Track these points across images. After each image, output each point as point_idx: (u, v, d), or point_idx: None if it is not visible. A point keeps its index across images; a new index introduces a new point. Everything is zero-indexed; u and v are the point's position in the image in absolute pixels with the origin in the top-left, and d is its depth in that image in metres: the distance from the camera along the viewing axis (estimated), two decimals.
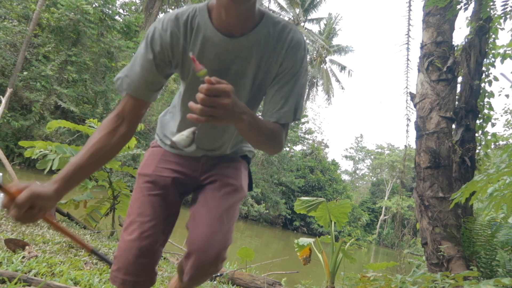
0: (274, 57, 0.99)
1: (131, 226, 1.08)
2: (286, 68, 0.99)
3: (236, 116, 0.79)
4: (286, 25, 0.99)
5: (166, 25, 0.96)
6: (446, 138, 3.36)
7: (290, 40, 0.98)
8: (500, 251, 3.04)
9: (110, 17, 16.13)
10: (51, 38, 14.53)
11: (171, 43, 0.97)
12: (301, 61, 1.00)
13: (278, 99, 1.00)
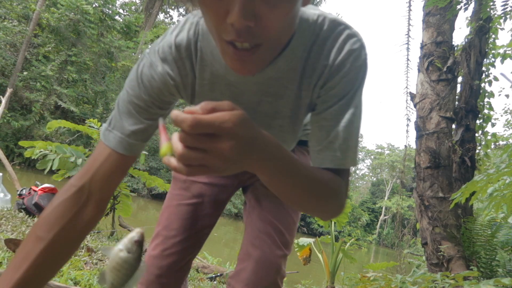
0: (315, 78, 0.68)
1: (156, 240, 0.99)
2: (332, 91, 0.66)
3: (249, 164, 0.48)
4: (332, 30, 0.66)
5: (160, 63, 0.69)
6: (446, 138, 3.36)
7: (338, 51, 0.65)
8: (500, 251, 3.04)
9: (110, 17, 16.14)
10: (51, 38, 14.54)
11: (170, 84, 0.70)
12: (354, 80, 0.66)
13: (325, 134, 0.66)
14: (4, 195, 3.89)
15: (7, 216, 3.08)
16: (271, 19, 0.50)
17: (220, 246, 8.44)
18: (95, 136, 4.35)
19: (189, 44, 0.69)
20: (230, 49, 0.53)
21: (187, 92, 0.73)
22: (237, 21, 0.48)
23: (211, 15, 0.51)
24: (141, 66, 0.70)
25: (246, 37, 0.50)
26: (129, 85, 0.70)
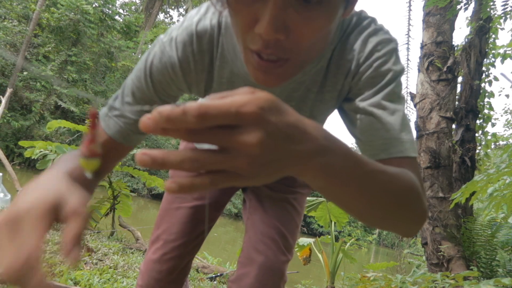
0: (340, 77, 0.64)
1: (156, 244, 0.96)
2: (364, 89, 0.61)
3: (292, 164, 0.34)
4: (358, 25, 0.62)
5: (175, 54, 0.62)
6: (446, 138, 3.36)
7: (363, 44, 0.61)
8: (500, 251, 3.04)
9: (110, 17, 16.14)
10: (51, 38, 14.54)
11: (188, 74, 0.64)
12: (386, 71, 0.60)
13: (374, 122, 0.58)
14: (4, 195, 3.89)
15: None
16: (303, 34, 0.45)
17: (220, 246, 8.44)
18: None
19: (212, 36, 0.62)
20: (254, 59, 0.48)
21: (200, 88, 0.67)
22: (266, 33, 0.42)
23: (238, 20, 0.46)
24: (152, 55, 0.63)
25: (273, 49, 0.46)
26: (136, 74, 0.65)
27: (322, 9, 0.44)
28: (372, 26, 0.62)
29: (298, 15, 0.43)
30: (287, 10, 0.43)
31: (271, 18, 0.42)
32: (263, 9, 0.43)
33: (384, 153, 0.57)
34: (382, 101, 0.59)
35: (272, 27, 0.42)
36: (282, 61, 0.48)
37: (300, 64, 0.51)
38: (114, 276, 2.31)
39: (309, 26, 0.45)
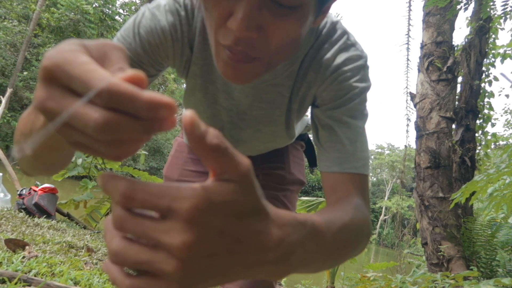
0: (305, 84, 0.66)
1: None
2: (327, 101, 0.63)
3: (235, 273, 0.29)
4: (331, 35, 0.63)
5: (164, 17, 0.62)
6: (446, 138, 3.37)
7: (333, 57, 0.62)
8: (500, 251, 3.04)
9: (110, 17, 16.16)
10: (51, 38, 14.54)
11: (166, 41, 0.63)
12: (351, 89, 0.61)
13: (332, 135, 0.61)
14: (4, 195, 3.89)
15: (7, 216, 3.08)
16: (274, 35, 0.45)
17: None
18: None
19: (196, 12, 0.62)
20: (224, 53, 0.47)
21: (182, 62, 0.66)
22: (238, 29, 0.42)
23: (213, 14, 0.46)
24: (141, 16, 0.62)
25: (244, 47, 0.45)
26: (123, 34, 0.62)
27: (294, 14, 0.44)
28: (345, 40, 0.63)
29: (271, 16, 0.44)
30: (261, 10, 0.43)
31: (245, 15, 0.42)
32: (238, 5, 0.42)
33: (338, 167, 0.59)
34: (344, 116, 0.60)
35: (245, 24, 0.42)
36: (252, 59, 0.47)
37: (268, 64, 0.50)
38: None
39: (281, 29, 0.45)
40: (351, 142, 0.59)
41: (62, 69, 0.25)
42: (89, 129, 0.24)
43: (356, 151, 0.59)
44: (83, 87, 0.24)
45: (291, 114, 0.70)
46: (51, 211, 3.76)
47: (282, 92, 0.66)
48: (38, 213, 3.66)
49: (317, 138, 0.64)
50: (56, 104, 0.26)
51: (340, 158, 0.59)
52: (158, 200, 0.25)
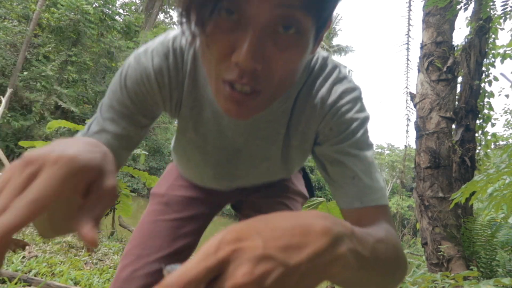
0: (303, 120, 0.65)
1: (125, 259, 0.84)
2: (331, 136, 0.62)
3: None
4: (323, 69, 0.63)
5: (150, 63, 0.61)
6: (446, 138, 3.36)
7: (328, 92, 0.62)
8: (500, 251, 3.04)
9: (110, 17, 16.15)
10: (51, 38, 14.55)
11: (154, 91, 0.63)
12: (350, 121, 0.61)
13: (344, 168, 0.61)
14: None
15: None
16: (278, 65, 0.45)
17: None
18: None
19: (186, 54, 0.62)
20: (226, 90, 0.47)
21: (172, 105, 0.65)
22: (245, 61, 0.42)
23: (214, 49, 0.45)
24: (127, 67, 0.62)
25: (249, 79, 0.45)
26: (112, 88, 0.63)
27: (296, 40, 0.45)
28: (337, 73, 0.63)
29: (275, 46, 0.44)
30: (265, 40, 0.43)
31: (251, 47, 0.42)
32: (242, 38, 0.43)
33: (358, 202, 0.58)
34: (352, 149, 0.60)
35: (251, 56, 0.42)
36: (255, 93, 0.47)
37: (271, 97, 0.50)
38: (114, 276, 2.31)
39: (284, 58, 0.45)
40: (366, 174, 0.59)
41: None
42: None
43: (373, 182, 0.59)
44: None
45: (290, 151, 0.69)
46: None
47: (277, 129, 0.65)
48: None
49: (328, 176, 0.63)
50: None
51: (359, 192, 0.58)
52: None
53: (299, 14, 0.43)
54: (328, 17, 0.48)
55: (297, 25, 0.44)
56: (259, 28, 0.42)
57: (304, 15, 0.43)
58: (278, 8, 0.42)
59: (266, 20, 0.42)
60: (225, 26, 0.43)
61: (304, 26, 0.44)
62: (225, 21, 0.43)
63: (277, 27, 0.43)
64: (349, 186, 0.59)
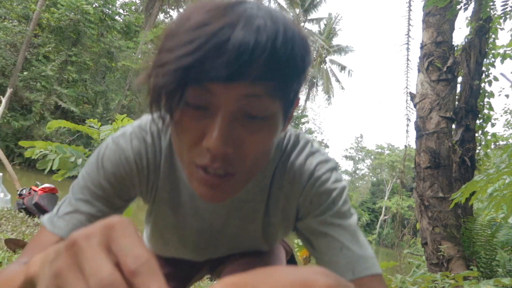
0: (282, 197, 0.65)
1: None
2: (313, 209, 0.63)
3: None
4: (295, 146, 0.64)
5: (129, 145, 0.62)
6: (446, 138, 3.36)
7: (300, 167, 0.63)
8: (500, 251, 3.04)
9: (110, 17, 16.15)
10: (51, 38, 14.55)
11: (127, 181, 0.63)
12: (327, 194, 0.61)
13: (332, 241, 0.60)
14: (4, 195, 3.89)
15: (7, 216, 3.09)
16: (249, 147, 0.46)
17: None
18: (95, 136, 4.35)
19: (163, 137, 0.63)
20: (199, 174, 0.47)
21: (149, 188, 0.65)
22: (215, 146, 0.43)
23: (184, 136, 0.46)
24: (104, 148, 0.62)
25: (221, 163, 0.45)
26: (87, 170, 0.62)
27: (266, 124, 0.46)
28: (310, 147, 0.64)
29: (245, 129, 0.45)
30: (235, 124, 0.44)
31: (220, 132, 0.43)
32: (211, 124, 0.44)
33: (350, 274, 0.56)
34: (335, 219, 0.59)
35: (222, 141, 0.43)
36: (229, 176, 0.47)
37: (246, 179, 0.50)
38: None
39: (255, 140, 0.46)
40: (353, 243, 0.59)
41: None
42: None
43: (362, 251, 0.58)
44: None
45: (271, 228, 0.68)
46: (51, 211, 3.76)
47: (255, 207, 0.65)
48: (38, 213, 3.66)
49: (315, 250, 0.62)
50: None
51: (350, 263, 0.57)
52: None
53: (265, 101, 0.44)
54: (295, 98, 0.50)
55: (264, 112, 0.45)
56: (228, 115, 0.43)
57: (270, 101, 0.45)
58: (244, 99, 0.43)
59: (233, 108, 0.44)
60: (194, 114, 0.45)
61: (271, 111, 0.46)
62: (193, 110, 0.44)
63: (244, 114, 0.45)
64: (338, 258, 0.58)
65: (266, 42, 0.41)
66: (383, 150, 37.51)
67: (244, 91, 0.43)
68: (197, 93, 0.43)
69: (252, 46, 0.41)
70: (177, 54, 0.41)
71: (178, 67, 0.41)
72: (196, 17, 0.43)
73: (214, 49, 0.41)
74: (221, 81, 0.42)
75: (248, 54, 0.41)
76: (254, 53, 0.41)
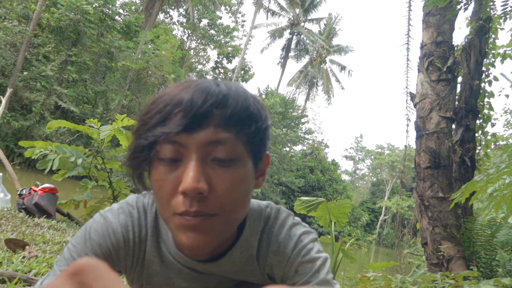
0: (267, 267, 0.68)
1: None
2: (298, 278, 0.65)
3: None
4: (277, 218, 0.69)
5: (117, 220, 0.65)
6: (446, 138, 3.36)
7: (284, 238, 0.67)
8: (500, 251, 3.04)
9: (110, 17, 16.14)
10: (51, 38, 14.54)
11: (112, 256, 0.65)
12: (310, 262, 0.65)
13: None
14: (4, 195, 3.89)
15: (7, 216, 3.08)
16: (222, 186, 0.51)
17: None
18: (95, 136, 4.35)
19: (148, 212, 0.66)
20: (181, 221, 0.51)
21: (134, 261, 0.66)
22: (190, 184, 0.48)
23: (163, 190, 0.51)
24: (91, 223, 0.65)
25: (199, 206, 0.50)
26: (74, 242, 0.64)
27: (234, 165, 0.52)
28: (291, 219, 0.69)
29: (215, 171, 0.51)
30: (205, 167, 0.51)
31: (193, 173, 0.49)
32: (185, 170, 0.50)
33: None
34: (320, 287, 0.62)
35: (194, 179, 0.48)
36: (209, 216, 0.51)
37: (226, 221, 0.54)
38: None
39: (226, 180, 0.52)
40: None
41: None
42: None
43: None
44: None
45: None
46: (51, 211, 3.76)
47: (245, 278, 0.69)
48: (38, 213, 3.66)
49: None
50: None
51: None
52: None
53: (228, 146, 0.51)
54: (262, 151, 0.57)
55: (229, 155, 0.52)
56: (198, 159, 0.50)
57: (233, 146, 0.52)
58: (209, 145, 0.51)
59: (202, 154, 0.50)
60: (168, 168, 0.51)
61: (236, 155, 0.52)
62: (167, 164, 0.51)
63: (212, 158, 0.51)
64: None
65: (218, 91, 0.51)
66: (383, 150, 37.50)
67: (207, 138, 0.50)
68: (168, 148, 0.51)
69: (205, 96, 0.50)
70: (147, 117, 0.52)
71: (149, 127, 0.51)
72: (160, 94, 0.54)
73: (174, 106, 0.50)
74: (184, 131, 0.49)
75: (201, 103, 0.50)
76: (206, 102, 0.50)
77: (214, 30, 26.49)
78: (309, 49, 30.51)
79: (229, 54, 28.05)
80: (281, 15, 29.35)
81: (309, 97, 33.58)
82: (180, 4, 23.43)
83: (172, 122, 0.50)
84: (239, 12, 28.73)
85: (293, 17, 29.34)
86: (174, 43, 19.69)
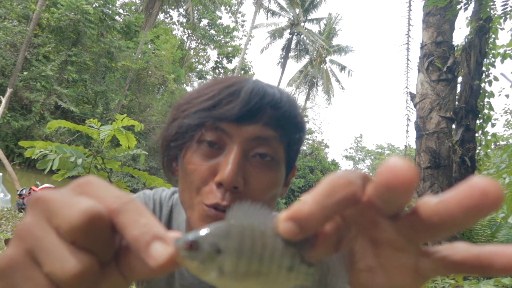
0: None
1: None
2: None
3: None
4: None
5: None
6: (446, 138, 3.36)
7: None
8: None
9: (110, 17, 16.15)
10: (51, 38, 14.54)
11: None
12: None
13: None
14: (4, 195, 3.89)
15: (7, 216, 3.09)
16: (258, 185, 0.51)
17: None
18: (95, 136, 4.35)
19: (164, 206, 0.67)
20: (210, 212, 0.49)
21: None
22: (228, 177, 0.47)
23: (195, 174, 0.50)
24: None
25: (231, 200, 0.48)
26: None
27: (273, 165, 0.53)
28: None
29: (254, 168, 0.51)
30: (245, 162, 0.51)
31: (233, 166, 0.48)
32: (224, 160, 0.49)
33: None
34: None
35: (234, 172, 0.48)
36: None
37: None
38: None
39: (263, 178, 0.52)
40: None
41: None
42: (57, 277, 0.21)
43: None
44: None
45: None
46: None
47: None
48: None
49: None
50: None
51: None
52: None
53: (273, 145, 0.52)
54: (294, 160, 0.57)
55: (272, 154, 0.52)
56: (240, 153, 0.50)
57: (277, 146, 0.53)
58: (255, 140, 0.51)
59: (245, 148, 0.50)
60: (207, 152, 0.51)
61: (278, 155, 0.53)
62: (207, 147, 0.51)
63: (255, 153, 0.51)
64: None
65: (274, 93, 0.52)
66: (383, 150, 37.50)
67: (255, 133, 0.51)
68: (213, 132, 0.51)
69: (263, 94, 0.51)
70: (198, 101, 0.52)
71: (198, 109, 0.51)
72: (211, 82, 0.54)
73: (229, 95, 0.51)
74: (235, 122, 0.50)
75: (258, 99, 0.50)
76: (264, 99, 0.51)
77: (214, 30, 26.49)
78: (309, 49, 30.51)
79: (229, 54, 28.05)
80: (281, 15, 29.35)
81: (309, 97, 33.59)
82: (180, 4, 23.43)
83: (225, 109, 0.50)
84: (239, 12, 28.72)
85: (293, 17, 29.35)
86: (174, 43, 19.69)
